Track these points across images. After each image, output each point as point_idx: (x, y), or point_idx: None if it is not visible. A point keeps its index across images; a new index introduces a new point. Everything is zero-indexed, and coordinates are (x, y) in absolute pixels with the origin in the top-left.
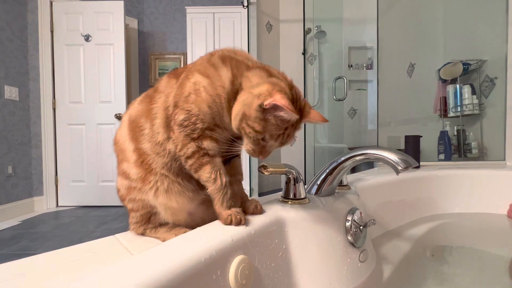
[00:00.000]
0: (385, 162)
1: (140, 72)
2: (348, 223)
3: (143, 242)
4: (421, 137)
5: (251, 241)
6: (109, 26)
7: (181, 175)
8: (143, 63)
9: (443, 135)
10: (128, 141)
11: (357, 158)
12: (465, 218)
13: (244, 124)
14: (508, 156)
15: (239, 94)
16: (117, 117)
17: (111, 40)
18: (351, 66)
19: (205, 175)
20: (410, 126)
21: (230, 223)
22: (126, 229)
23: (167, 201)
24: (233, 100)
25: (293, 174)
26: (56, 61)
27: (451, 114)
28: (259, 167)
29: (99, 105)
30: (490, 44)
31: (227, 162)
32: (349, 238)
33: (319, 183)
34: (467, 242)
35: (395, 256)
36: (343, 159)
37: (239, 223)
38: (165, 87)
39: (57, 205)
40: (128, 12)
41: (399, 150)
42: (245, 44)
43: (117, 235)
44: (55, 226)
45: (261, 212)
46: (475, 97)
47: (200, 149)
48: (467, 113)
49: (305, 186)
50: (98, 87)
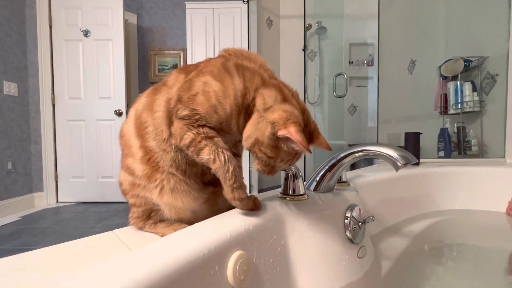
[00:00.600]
0: (385, 158)
1: (140, 68)
2: (347, 219)
3: (142, 238)
4: (421, 134)
5: (249, 236)
6: (108, 21)
7: (188, 173)
8: (143, 59)
9: (443, 132)
10: (134, 137)
11: (357, 155)
12: (464, 215)
13: (257, 149)
14: (508, 154)
15: (253, 115)
16: (116, 113)
17: (110, 35)
18: (352, 62)
19: (204, 157)
20: (410, 123)
21: (236, 206)
22: (126, 225)
23: (172, 201)
24: (242, 113)
25: (292, 170)
26: (55, 56)
27: (451, 111)
28: None
29: (98, 101)
30: (492, 41)
31: None
32: (348, 234)
33: (318, 179)
34: (465, 238)
35: (394, 252)
36: (342, 155)
37: (243, 209)
38: (173, 81)
39: (57, 201)
40: (127, 7)
41: (399, 147)
42: (245, 40)
43: (115, 231)
44: (55, 221)
45: (259, 208)
46: (475, 94)
47: (197, 134)
48: (467, 110)
49: (304, 183)
50: (97, 83)
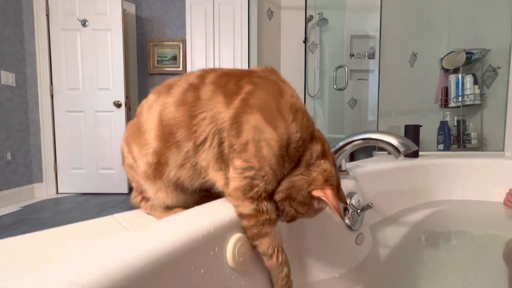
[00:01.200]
0: (385, 145)
1: (139, 60)
2: (346, 206)
3: (141, 223)
4: (421, 126)
5: None
6: (106, 10)
7: (186, 189)
8: (142, 50)
9: (443, 125)
10: (153, 136)
11: (357, 143)
12: (461, 205)
13: (286, 203)
14: (507, 147)
15: (294, 168)
16: (116, 104)
17: (109, 25)
18: (353, 55)
19: (262, 248)
20: (410, 116)
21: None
22: None
23: (164, 197)
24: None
25: None
26: (52, 46)
27: (452, 104)
28: None
29: (97, 92)
30: (495, 33)
31: None
32: (346, 221)
33: None
34: (463, 228)
35: (392, 241)
36: (343, 143)
37: None
38: (207, 100)
39: (57, 192)
40: None
41: None
42: (245, 32)
43: (115, 215)
44: (56, 212)
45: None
46: (476, 87)
47: (258, 213)
48: (468, 103)
49: None
50: (96, 74)
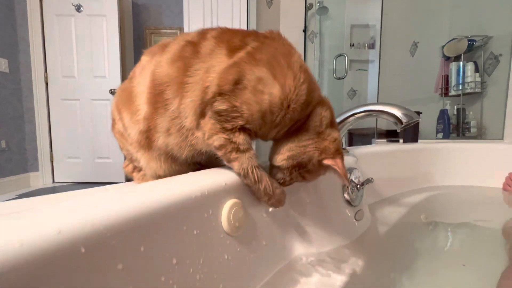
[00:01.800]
0: (387, 116)
1: (135, 47)
2: None
3: None
4: (421, 113)
5: (245, 189)
6: None
7: (180, 157)
8: (138, 38)
9: (442, 114)
10: (144, 100)
11: (360, 115)
12: (460, 189)
13: (295, 171)
14: (506, 135)
15: (302, 133)
16: (112, 92)
17: (104, 11)
18: (353, 45)
19: (234, 169)
20: (410, 106)
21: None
22: None
23: (157, 167)
24: (290, 125)
25: None
26: (46, 32)
27: (452, 93)
28: None
29: (93, 80)
30: (497, 20)
31: None
32: (346, 196)
33: None
34: (461, 211)
35: (390, 219)
36: (345, 116)
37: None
38: (209, 55)
39: (53, 181)
40: None
41: None
42: (244, 20)
43: (106, 186)
44: None
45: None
46: (477, 75)
47: (229, 142)
48: (468, 91)
49: None
50: (91, 61)
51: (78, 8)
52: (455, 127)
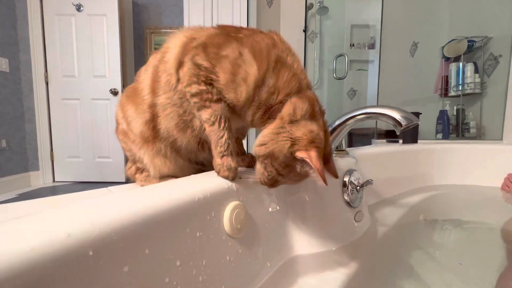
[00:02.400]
0: (387, 119)
1: (135, 47)
2: (345, 183)
3: None
4: (420, 114)
5: (247, 190)
6: None
7: (183, 150)
8: (138, 38)
9: (442, 114)
10: (148, 90)
11: (359, 117)
12: (459, 189)
13: (268, 162)
14: (505, 136)
15: (275, 121)
16: (112, 92)
17: (104, 10)
18: (353, 45)
19: (205, 116)
20: (409, 106)
21: (218, 172)
22: None
23: (161, 164)
24: (262, 109)
25: None
26: (46, 32)
27: (452, 93)
28: None
29: (93, 79)
30: (497, 21)
31: None
32: (346, 198)
33: None
34: (460, 210)
35: (390, 220)
36: (345, 118)
37: (225, 177)
38: (202, 30)
39: (53, 180)
40: None
41: None
42: (244, 19)
43: (109, 187)
44: None
45: (253, 165)
46: (477, 75)
47: (205, 92)
48: (468, 92)
49: None
50: (91, 60)
51: (79, 8)
52: (454, 127)
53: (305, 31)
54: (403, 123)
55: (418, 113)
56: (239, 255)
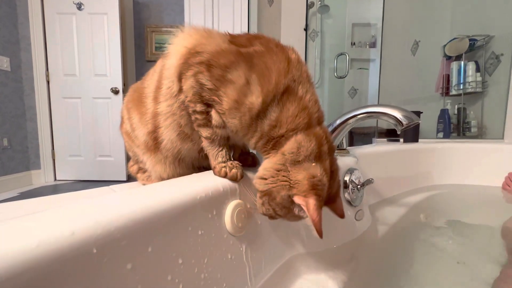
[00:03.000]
0: (388, 118)
1: (136, 46)
2: (346, 182)
3: None
4: (421, 113)
5: (248, 189)
6: None
7: (185, 160)
8: (139, 36)
9: (443, 113)
10: (151, 98)
11: (360, 116)
12: (460, 189)
13: (266, 200)
14: (507, 135)
15: (277, 155)
16: (113, 91)
17: (105, 9)
18: (354, 44)
19: (205, 133)
20: (411, 105)
21: (225, 176)
22: None
23: (161, 170)
24: (263, 139)
25: None
26: (47, 30)
27: (453, 92)
28: None
29: (94, 78)
30: (499, 19)
31: None
32: (346, 196)
33: None
34: (460, 210)
35: (390, 219)
36: (346, 117)
37: (234, 179)
38: (210, 37)
39: (55, 179)
40: None
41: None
42: (245, 18)
43: (111, 186)
44: None
45: (255, 165)
46: (478, 74)
47: (206, 113)
48: (469, 91)
49: None
50: (92, 59)
51: (79, 6)
52: (455, 126)
53: (306, 29)
54: (404, 122)
55: (419, 112)
56: (240, 253)
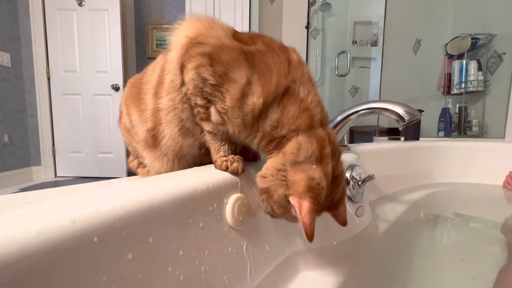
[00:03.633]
0: (390, 114)
1: (137, 43)
2: (347, 178)
3: None
4: (423, 111)
5: (249, 183)
6: None
7: (185, 157)
8: (140, 33)
9: (444, 112)
10: (151, 94)
11: (362, 112)
12: (461, 187)
13: (265, 197)
14: (508, 134)
15: (279, 154)
16: (113, 87)
17: (106, 5)
18: (355, 42)
19: (207, 127)
20: (412, 104)
21: (226, 169)
22: None
23: (159, 167)
24: (265, 139)
25: None
26: (48, 26)
27: (454, 91)
28: None
29: (94, 75)
30: (501, 18)
31: None
32: (347, 192)
33: None
34: (461, 208)
35: (390, 216)
36: (348, 113)
37: (235, 172)
38: (212, 29)
39: (55, 175)
40: None
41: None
42: (246, 16)
43: (112, 180)
44: None
45: (257, 160)
46: (480, 73)
47: (206, 109)
48: (471, 89)
49: None
50: (93, 56)
51: (80, 3)
52: (456, 125)
53: (307, 27)
54: (406, 118)
55: (421, 111)
56: (241, 248)
